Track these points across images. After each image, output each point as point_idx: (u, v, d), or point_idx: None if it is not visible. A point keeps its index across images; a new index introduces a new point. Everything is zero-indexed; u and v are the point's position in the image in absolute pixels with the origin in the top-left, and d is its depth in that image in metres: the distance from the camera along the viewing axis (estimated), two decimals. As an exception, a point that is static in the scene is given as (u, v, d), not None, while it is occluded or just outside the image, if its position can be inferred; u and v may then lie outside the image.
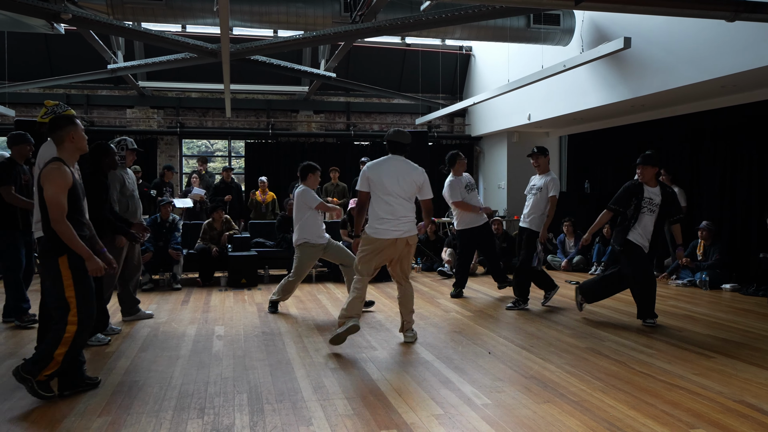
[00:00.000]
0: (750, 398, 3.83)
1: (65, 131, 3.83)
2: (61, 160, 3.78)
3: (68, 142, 3.83)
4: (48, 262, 3.76)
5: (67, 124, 3.85)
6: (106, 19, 7.74)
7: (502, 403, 3.74)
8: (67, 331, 3.72)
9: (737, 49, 6.81)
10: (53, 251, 3.72)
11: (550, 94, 10.60)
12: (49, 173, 3.68)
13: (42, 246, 3.84)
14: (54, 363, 3.72)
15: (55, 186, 3.66)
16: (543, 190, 6.71)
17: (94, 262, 3.79)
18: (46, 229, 3.75)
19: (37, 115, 12.29)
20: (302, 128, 14.01)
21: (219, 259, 8.51)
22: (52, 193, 3.64)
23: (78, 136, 3.87)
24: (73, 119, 3.91)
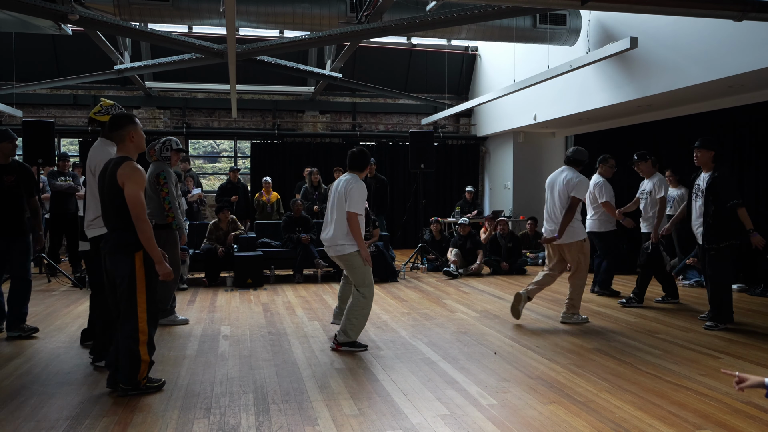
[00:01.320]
0: (757, 399, 3.81)
1: (126, 130, 3.91)
2: (132, 159, 3.86)
3: (128, 141, 3.92)
4: (120, 258, 3.79)
5: (128, 123, 3.94)
6: (112, 20, 7.77)
7: (508, 404, 3.73)
8: (140, 331, 3.82)
9: (745, 49, 6.77)
10: (129, 247, 3.78)
11: (556, 94, 10.57)
12: (131, 172, 3.74)
13: (114, 242, 3.83)
14: (143, 363, 3.86)
15: (137, 185, 3.74)
16: (652, 192, 6.99)
17: (165, 267, 3.87)
18: (119, 225, 3.79)
19: (43, 115, 12.43)
20: (308, 128, 14.03)
21: (225, 259, 8.52)
22: (135, 192, 3.72)
23: (138, 135, 3.96)
24: (133, 118, 3.99)
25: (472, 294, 7.85)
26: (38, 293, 7.68)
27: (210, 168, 16.00)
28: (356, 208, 4.95)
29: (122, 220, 3.78)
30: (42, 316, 6.23)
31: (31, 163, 8.80)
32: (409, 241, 13.84)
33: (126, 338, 3.82)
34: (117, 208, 3.78)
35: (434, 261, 10.18)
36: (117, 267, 3.81)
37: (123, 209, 3.76)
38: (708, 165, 5.87)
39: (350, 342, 5.02)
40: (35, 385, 4.08)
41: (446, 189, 14.58)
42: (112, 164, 3.82)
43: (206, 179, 15.55)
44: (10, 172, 5.33)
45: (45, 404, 3.72)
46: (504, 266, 9.77)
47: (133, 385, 3.86)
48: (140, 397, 3.83)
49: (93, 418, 3.48)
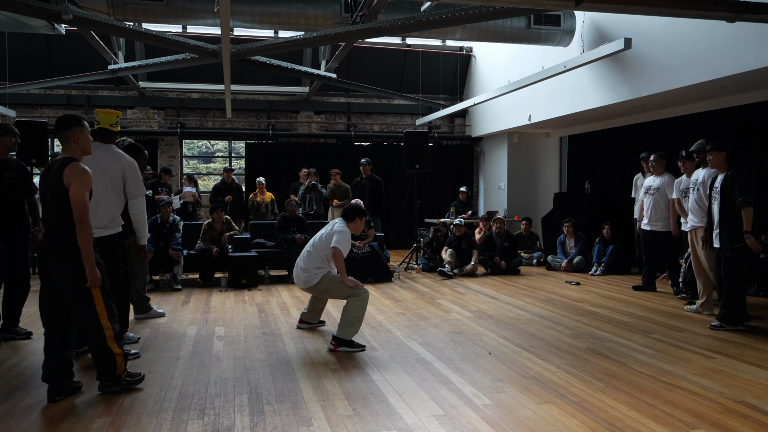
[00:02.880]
0: (751, 399, 3.83)
1: (71, 131, 3.89)
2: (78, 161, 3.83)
3: (73, 143, 3.90)
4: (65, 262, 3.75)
5: (75, 125, 3.92)
6: (106, 20, 7.74)
7: (502, 404, 3.74)
8: (104, 326, 3.81)
9: (738, 50, 6.80)
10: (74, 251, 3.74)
11: (550, 94, 10.60)
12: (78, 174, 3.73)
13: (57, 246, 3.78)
14: (118, 356, 3.86)
15: (84, 186, 3.73)
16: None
17: (95, 273, 3.78)
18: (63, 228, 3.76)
19: (37, 115, 12.36)
20: (303, 129, 14.02)
21: (219, 259, 8.51)
22: (80, 193, 3.70)
23: (83, 138, 3.94)
24: (81, 120, 3.96)
25: (467, 294, 7.86)
26: (32, 294, 7.62)
27: (204, 168, 15.98)
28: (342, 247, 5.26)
29: (66, 223, 3.73)
30: (36, 317, 6.19)
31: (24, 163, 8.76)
32: (403, 241, 13.84)
33: (94, 338, 3.81)
34: (61, 210, 3.74)
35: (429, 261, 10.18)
36: (62, 272, 3.74)
37: (67, 211, 3.71)
38: (722, 166, 5.91)
39: (347, 342, 5.03)
40: (29, 386, 4.06)
41: (441, 189, 14.59)
42: (57, 165, 3.79)
43: (201, 179, 15.53)
44: (10, 168, 5.24)
45: (39, 405, 3.70)
46: (498, 261, 9.78)
47: (114, 381, 3.88)
48: (134, 398, 3.82)
49: (87, 419, 3.47)
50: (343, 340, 5.03)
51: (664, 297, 7.61)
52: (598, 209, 10.78)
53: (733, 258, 5.73)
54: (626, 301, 7.37)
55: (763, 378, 4.27)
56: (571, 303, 7.19)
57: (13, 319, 5.41)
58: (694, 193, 6.50)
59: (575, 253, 10.12)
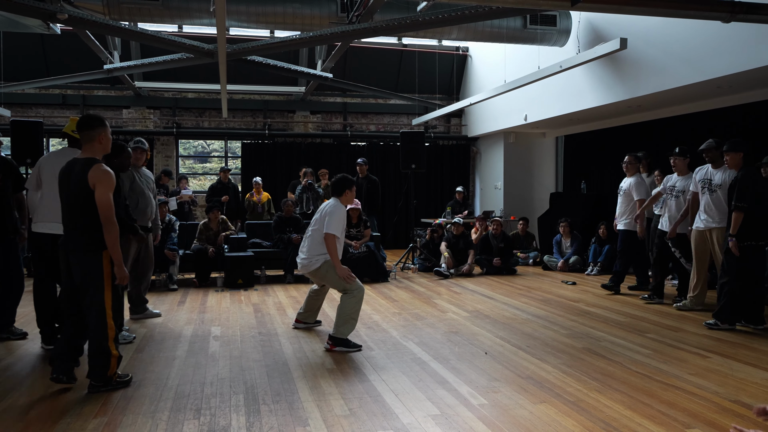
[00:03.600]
0: (746, 398, 3.84)
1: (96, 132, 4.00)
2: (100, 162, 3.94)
3: (97, 143, 4.00)
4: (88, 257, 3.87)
5: (99, 125, 4.02)
6: (102, 20, 7.72)
7: (498, 404, 3.74)
8: (108, 326, 3.90)
9: (733, 50, 6.83)
10: (98, 245, 3.87)
11: (546, 94, 10.61)
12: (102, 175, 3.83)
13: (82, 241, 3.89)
14: (113, 358, 3.93)
15: (108, 187, 3.85)
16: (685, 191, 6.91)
17: (123, 271, 3.97)
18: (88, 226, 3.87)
19: (32, 115, 12.34)
20: (299, 129, 14.01)
21: (215, 259, 8.50)
22: (105, 194, 3.82)
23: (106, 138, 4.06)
24: (104, 121, 4.08)
25: (463, 294, 7.87)
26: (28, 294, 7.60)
27: (200, 168, 15.95)
28: (333, 231, 5.21)
29: (91, 221, 3.85)
30: (31, 317, 6.17)
31: (19, 163, 8.74)
32: (400, 241, 13.85)
33: (96, 334, 3.90)
34: (85, 210, 3.84)
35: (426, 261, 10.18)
36: (84, 265, 3.87)
37: (92, 210, 3.83)
38: (739, 165, 5.92)
39: (344, 341, 5.03)
40: (24, 387, 4.05)
41: (437, 189, 14.60)
42: (80, 165, 3.87)
43: (197, 179, 15.51)
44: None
45: (35, 405, 3.69)
46: (496, 262, 9.78)
47: (104, 382, 3.94)
48: (130, 398, 3.81)
49: (83, 419, 3.46)
50: (339, 340, 5.03)
51: (659, 296, 7.62)
52: (594, 209, 10.81)
53: (740, 256, 5.69)
54: (622, 300, 7.39)
55: (758, 377, 4.29)
56: (567, 303, 7.21)
57: (9, 320, 5.38)
58: (708, 193, 6.33)
59: (571, 252, 10.14)
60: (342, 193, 5.45)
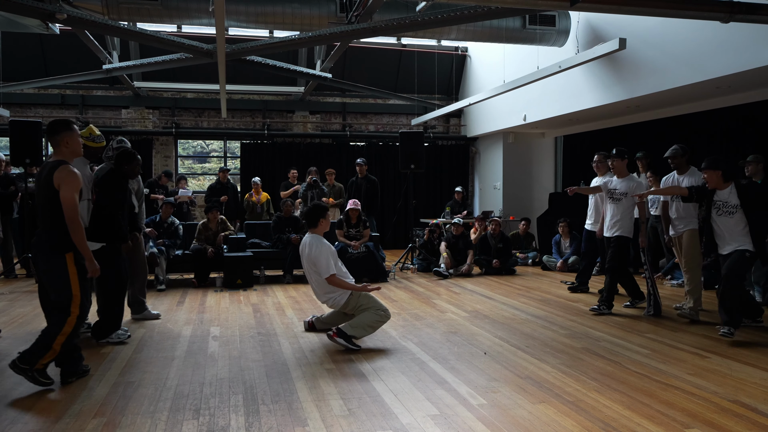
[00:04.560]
0: (744, 398, 3.84)
1: (60, 136, 4.09)
2: (68, 163, 4.04)
3: (63, 147, 4.10)
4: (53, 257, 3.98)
5: (63, 129, 4.11)
6: (101, 20, 7.72)
7: (497, 404, 3.74)
8: (67, 323, 3.98)
9: (732, 50, 6.83)
10: (62, 247, 3.97)
11: (545, 94, 10.62)
12: (66, 176, 3.93)
13: (47, 242, 4.00)
14: (52, 352, 3.98)
15: (72, 188, 3.94)
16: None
17: (94, 264, 4.12)
18: (53, 226, 3.98)
19: (31, 115, 12.33)
20: (298, 129, 14.01)
21: (214, 259, 8.49)
22: (69, 195, 3.91)
23: (73, 141, 4.15)
24: (70, 125, 4.18)
25: (462, 294, 7.87)
26: (26, 294, 7.62)
27: (199, 168, 15.94)
28: (330, 271, 5.20)
29: (57, 222, 3.96)
30: (30, 317, 6.18)
31: (18, 163, 8.74)
32: (399, 241, 13.85)
33: (53, 325, 4.00)
34: (52, 210, 3.95)
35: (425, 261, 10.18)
36: (48, 265, 3.99)
37: (57, 211, 3.94)
38: (721, 185, 5.54)
39: (348, 338, 5.02)
40: (22, 387, 4.04)
41: (436, 189, 14.60)
42: (48, 167, 4.00)
43: (196, 179, 15.50)
44: None
45: (33, 405, 3.69)
46: (495, 263, 9.79)
47: (29, 365, 3.95)
48: (129, 399, 3.81)
49: (82, 419, 3.46)
50: (345, 335, 5.02)
51: (658, 296, 7.63)
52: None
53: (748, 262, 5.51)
54: (620, 300, 7.38)
55: (757, 377, 4.29)
56: (566, 303, 7.21)
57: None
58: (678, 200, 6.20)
59: (570, 252, 10.14)
60: (317, 223, 5.42)
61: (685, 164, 6.31)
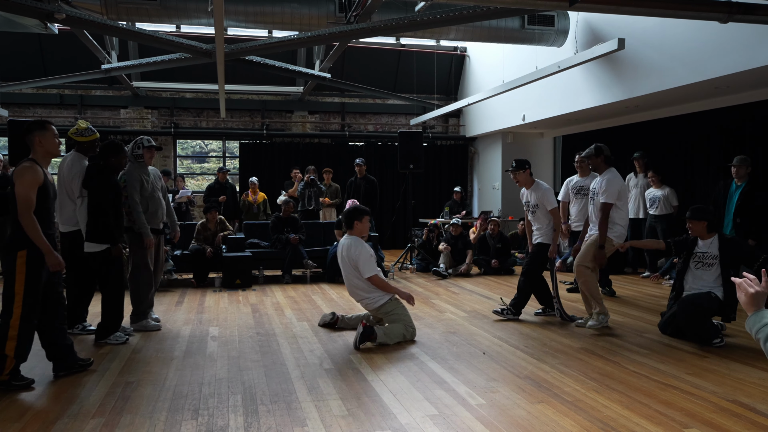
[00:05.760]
0: (743, 398, 3.85)
1: (33, 135, 4.14)
2: (33, 161, 4.09)
3: (37, 146, 4.15)
4: (7, 254, 4.00)
5: (36, 129, 4.16)
6: (100, 19, 7.71)
7: (496, 404, 3.75)
8: (11, 325, 3.93)
9: (730, 51, 6.84)
10: (15, 245, 3.98)
11: (544, 94, 10.62)
12: (21, 172, 3.97)
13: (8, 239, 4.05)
14: (9, 360, 3.94)
15: (25, 184, 3.95)
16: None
17: (54, 257, 4.03)
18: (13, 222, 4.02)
19: (29, 115, 12.32)
20: (297, 129, 14.00)
21: (213, 259, 8.48)
22: (21, 190, 3.92)
23: (46, 140, 4.17)
24: (43, 125, 4.22)
25: (461, 294, 7.87)
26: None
27: (198, 168, 15.94)
28: (373, 271, 5.33)
29: (15, 218, 3.99)
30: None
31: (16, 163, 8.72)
32: (398, 241, 13.85)
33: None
34: (14, 208, 3.97)
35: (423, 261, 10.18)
36: (7, 262, 4.00)
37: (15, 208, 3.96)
38: (704, 236, 5.39)
39: (375, 338, 5.13)
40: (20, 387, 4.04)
41: (435, 189, 14.60)
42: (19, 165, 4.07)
43: (194, 179, 15.49)
44: None
45: (32, 406, 3.69)
46: (494, 263, 9.78)
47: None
48: (127, 399, 3.81)
49: (80, 419, 3.46)
50: (373, 334, 5.12)
51: (656, 297, 7.64)
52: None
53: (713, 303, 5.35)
54: (619, 300, 7.40)
55: (756, 377, 4.29)
56: (564, 303, 7.19)
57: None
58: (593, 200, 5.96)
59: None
60: (352, 225, 5.51)
61: (602, 164, 5.88)
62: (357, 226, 5.49)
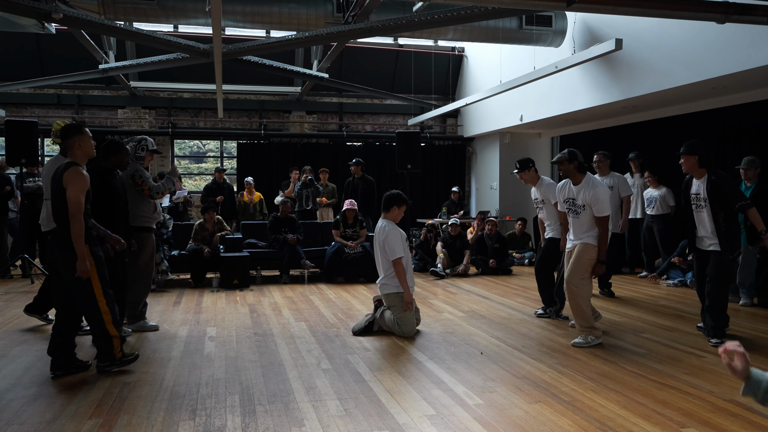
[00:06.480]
0: (740, 397, 3.84)
1: (73, 140, 4.35)
2: (78, 165, 4.28)
3: (76, 149, 4.34)
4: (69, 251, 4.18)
5: (75, 133, 4.37)
6: (97, 19, 7.71)
7: (494, 403, 3.75)
8: (103, 311, 4.28)
9: (728, 51, 6.85)
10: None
11: (542, 95, 10.63)
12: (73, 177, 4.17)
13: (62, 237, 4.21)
14: (115, 338, 4.34)
15: (77, 188, 4.16)
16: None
17: (84, 264, 4.19)
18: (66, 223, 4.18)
19: (27, 114, 12.30)
20: (294, 129, 13.99)
21: (211, 259, 8.48)
22: (74, 195, 4.14)
23: (85, 143, 4.39)
24: (81, 128, 4.43)
25: (459, 294, 7.87)
26: (22, 294, 7.60)
27: (196, 168, 15.94)
28: (398, 254, 5.62)
29: (66, 219, 4.18)
30: (25, 318, 6.15)
31: (13, 163, 8.72)
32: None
33: (93, 321, 4.31)
34: (62, 208, 4.18)
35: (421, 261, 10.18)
36: (64, 261, 4.19)
37: (66, 209, 4.16)
38: (696, 171, 5.35)
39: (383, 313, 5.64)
40: (18, 388, 4.04)
41: (433, 189, 14.60)
42: (61, 168, 4.24)
43: (192, 179, 15.48)
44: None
45: (29, 407, 3.68)
46: (492, 263, 9.78)
47: (110, 361, 4.35)
48: (125, 399, 3.80)
49: (77, 420, 3.45)
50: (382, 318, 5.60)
51: (654, 297, 7.65)
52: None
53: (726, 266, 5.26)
54: (617, 300, 7.41)
55: (753, 377, 4.30)
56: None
57: None
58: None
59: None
60: (389, 208, 5.83)
61: (574, 171, 5.48)
62: (393, 211, 5.82)
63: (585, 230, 5.33)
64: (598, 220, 5.26)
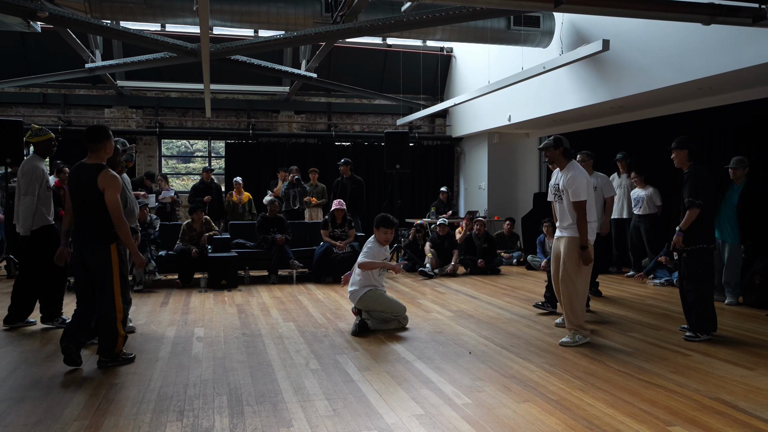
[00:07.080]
0: (725, 395, 3.89)
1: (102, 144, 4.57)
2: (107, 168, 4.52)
3: (104, 152, 4.57)
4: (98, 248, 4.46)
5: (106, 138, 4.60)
6: (83, 18, 7.64)
7: (482, 403, 3.76)
8: (117, 309, 4.48)
9: (713, 52, 6.91)
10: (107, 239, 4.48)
11: (530, 95, 10.67)
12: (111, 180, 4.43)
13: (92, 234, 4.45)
14: (120, 337, 4.51)
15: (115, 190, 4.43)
16: None
17: (140, 257, 4.72)
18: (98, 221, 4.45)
19: (12, 114, 12.18)
20: (283, 129, 13.96)
21: (199, 260, 8.44)
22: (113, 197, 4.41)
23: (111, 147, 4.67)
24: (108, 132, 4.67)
25: (447, 294, 7.89)
26: (6, 296, 7.51)
27: (183, 168, 15.85)
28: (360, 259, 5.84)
29: (100, 218, 4.43)
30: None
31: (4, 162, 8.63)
32: (384, 241, 13.81)
33: (105, 317, 4.46)
34: (95, 209, 4.41)
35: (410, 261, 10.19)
36: (94, 257, 4.45)
37: (101, 209, 4.40)
38: (685, 165, 5.50)
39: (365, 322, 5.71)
40: (3, 390, 4.00)
41: (421, 189, 14.62)
42: (91, 170, 4.43)
43: (180, 179, 15.40)
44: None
45: (13, 410, 3.64)
46: (480, 263, 9.81)
47: (111, 357, 4.50)
48: (112, 400, 3.78)
49: (63, 422, 3.42)
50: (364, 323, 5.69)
51: (641, 296, 7.70)
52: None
53: (691, 259, 5.40)
54: (604, 300, 7.45)
55: (737, 375, 4.34)
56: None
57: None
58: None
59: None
60: (377, 227, 6.01)
61: (560, 157, 5.36)
62: (377, 232, 5.99)
63: (569, 221, 5.29)
64: (574, 204, 5.18)
